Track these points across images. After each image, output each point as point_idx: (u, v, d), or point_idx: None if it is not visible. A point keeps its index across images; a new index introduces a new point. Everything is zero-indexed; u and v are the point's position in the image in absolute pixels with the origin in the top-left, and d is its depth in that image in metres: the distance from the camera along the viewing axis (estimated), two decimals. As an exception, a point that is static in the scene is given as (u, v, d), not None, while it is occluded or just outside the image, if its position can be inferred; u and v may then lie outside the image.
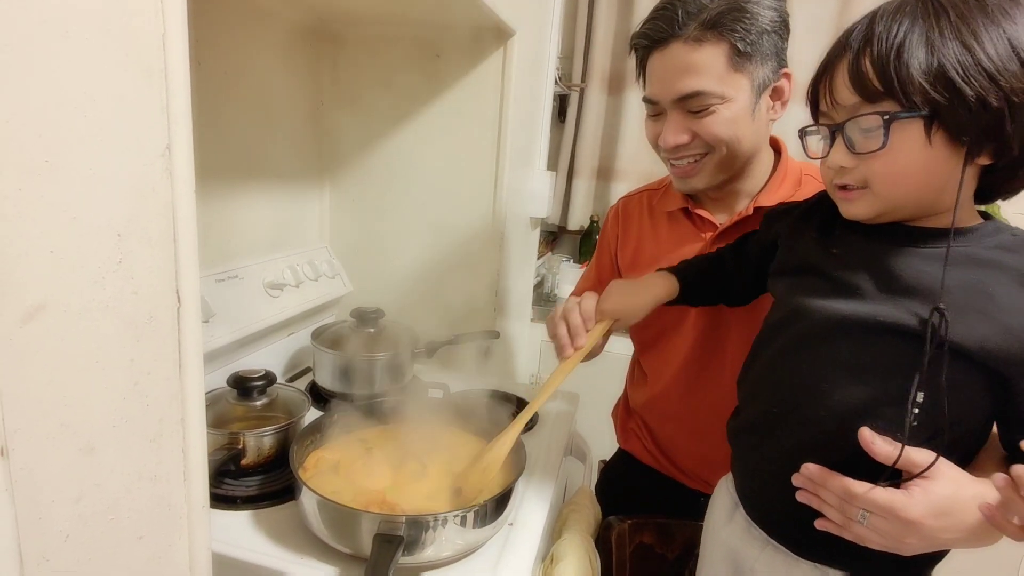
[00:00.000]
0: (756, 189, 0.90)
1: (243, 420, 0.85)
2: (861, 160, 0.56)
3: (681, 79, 0.79)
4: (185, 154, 0.39)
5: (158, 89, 0.37)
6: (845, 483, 0.55)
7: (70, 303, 0.33)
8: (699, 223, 0.92)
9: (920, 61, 0.51)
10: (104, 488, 0.37)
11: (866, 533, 0.55)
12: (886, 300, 0.57)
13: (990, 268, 0.55)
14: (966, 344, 0.53)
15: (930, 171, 0.54)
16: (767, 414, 0.67)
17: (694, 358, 0.93)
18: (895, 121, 0.53)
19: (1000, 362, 0.53)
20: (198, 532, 0.45)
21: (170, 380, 0.41)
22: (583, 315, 0.80)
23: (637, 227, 1.00)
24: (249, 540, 0.70)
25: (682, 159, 0.85)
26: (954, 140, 0.53)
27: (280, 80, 1.14)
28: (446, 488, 0.78)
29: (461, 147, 1.24)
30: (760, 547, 0.68)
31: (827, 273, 0.62)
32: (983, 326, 0.53)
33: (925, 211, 0.58)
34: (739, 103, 0.80)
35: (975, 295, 0.54)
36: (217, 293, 0.94)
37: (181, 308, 0.41)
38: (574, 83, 2.09)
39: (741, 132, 0.81)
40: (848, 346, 0.59)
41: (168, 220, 0.39)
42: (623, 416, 1.11)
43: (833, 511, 0.57)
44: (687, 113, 0.81)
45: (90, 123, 0.33)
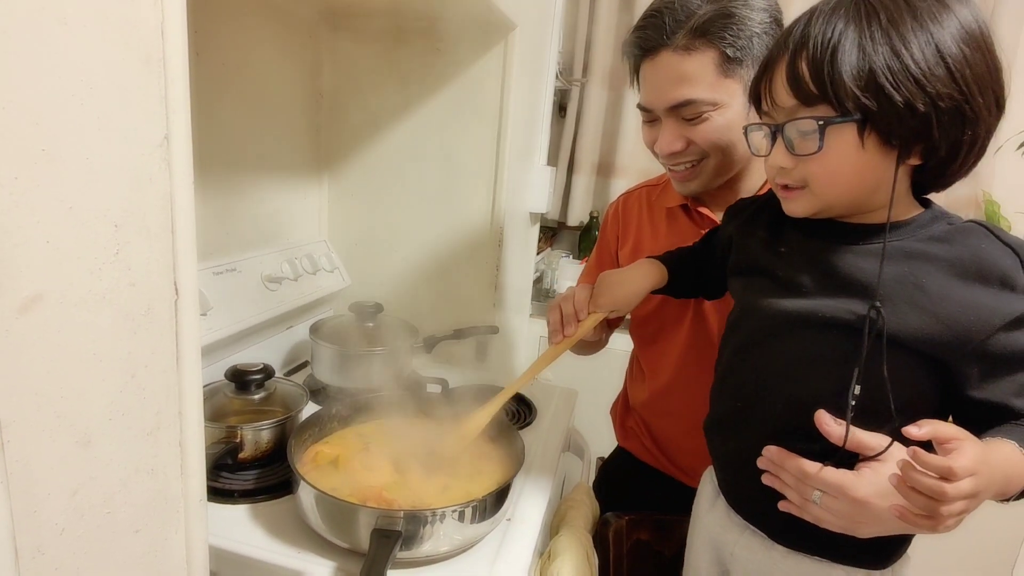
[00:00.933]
0: (756, 187, 0.90)
1: (241, 414, 0.84)
2: (799, 161, 0.58)
3: (673, 88, 0.79)
4: (184, 144, 0.39)
5: (157, 78, 0.36)
6: (800, 463, 0.58)
7: (67, 294, 0.33)
8: (698, 220, 0.92)
9: (851, 66, 0.53)
10: (100, 481, 0.36)
11: (821, 513, 0.57)
12: (826, 296, 0.60)
13: (920, 260, 0.57)
14: (901, 335, 0.56)
15: (864, 172, 0.57)
16: (731, 410, 0.71)
17: (691, 355, 0.93)
18: (830, 126, 0.55)
19: (937, 349, 0.56)
20: (195, 526, 0.45)
21: (167, 373, 0.40)
22: (576, 305, 0.81)
23: (636, 223, 1.01)
24: (246, 534, 0.70)
25: (679, 165, 0.86)
26: (885, 143, 0.55)
27: (279, 72, 1.13)
28: (444, 483, 0.78)
29: (461, 141, 1.24)
30: (739, 532, 0.71)
31: (773, 272, 0.65)
32: (915, 317, 0.56)
33: (861, 208, 0.60)
34: (733, 108, 0.80)
35: (906, 287, 0.56)
36: (215, 286, 0.94)
37: (179, 300, 0.40)
38: (575, 78, 2.09)
39: (736, 137, 0.81)
40: (795, 342, 0.62)
41: (166, 211, 0.38)
42: (622, 414, 1.11)
43: (791, 492, 0.60)
44: (681, 120, 0.81)
45: (88, 112, 0.33)
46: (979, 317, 0.55)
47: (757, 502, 0.66)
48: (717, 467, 0.76)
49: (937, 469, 0.48)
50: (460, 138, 1.24)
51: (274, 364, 1.13)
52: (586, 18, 2.06)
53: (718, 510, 0.74)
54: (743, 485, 0.70)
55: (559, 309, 0.82)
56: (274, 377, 0.88)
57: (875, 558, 0.65)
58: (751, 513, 0.70)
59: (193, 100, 0.39)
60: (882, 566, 0.65)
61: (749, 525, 0.70)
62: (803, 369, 0.61)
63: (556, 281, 2.04)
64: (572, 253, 2.29)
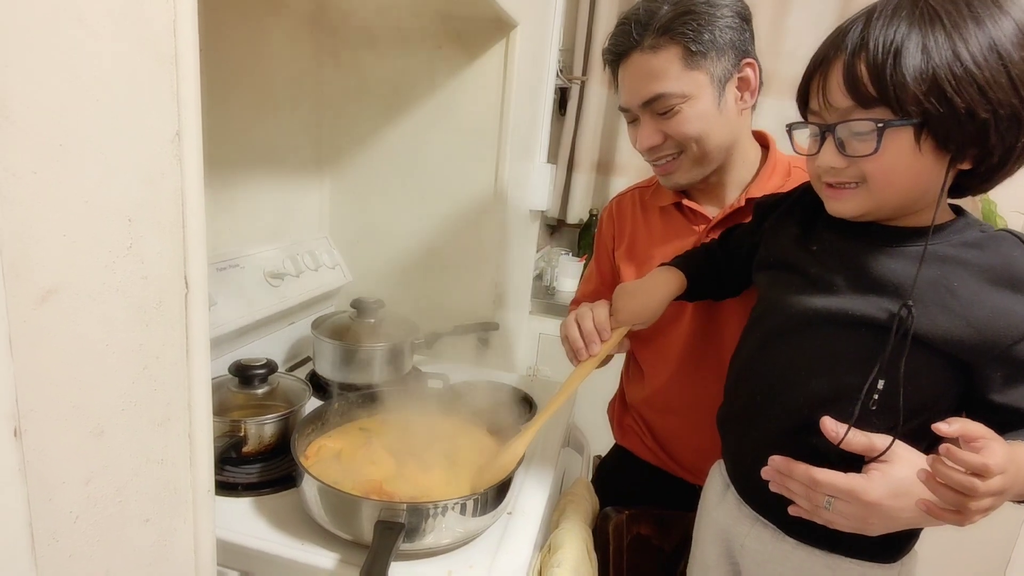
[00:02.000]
0: (745, 180, 0.92)
1: (244, 408, 0.85)
2: (852, 162, 0.58)
3: (643, 85, 0.84)
4: (194, 140, 0.39)
5: (168, 75, 0.37)
6: (809, 471, 0.58)
7: (82, 287, 0.33)
8: (691, 216, 0.94)
9: (914, 69, 0.52)
10: (113, 471, 0.37)
11: (833, 517, 0.58)
12: (857, 296, 0.61)
13: (953, 264, 0.58)
14: (929, 336, 0.57)
15: (918, 175, 0.57)
16: (749, 403, 0.71)
17: (691, 352, 0.94)
18: (888, 128, 0.54)
19: (963, 351, 0.57)
20: (203, 517, 0.46)
21: (177, 365, 0.41)
22: (597, 325, 0.82)
23: (631, 223, 1.02)
24: (251, 526, 0.70)
25: (660, 159, 0.89)
26: (941, 147, 0.55)
27: (283, 69, 1.14)
28: (445, 477, 0.78)
29: (462, 139, 1.24)
30: (750, 524, 0.72)
31: (804, 269, 0.66)
32: (945, 319, 0.57)
33: (906, 211, 0.61)
34: (703, 99, 0.83)
35: (938, 290, 0.57)
36: (218, 282, 0.94)
37: (189, 294, 0.41)
38: (575, 76, 2.09)
39: (710, 127, 0.84)
40: (821, 338, 0.63)
41: (177, 206, 0.39)
42: (619, 412, 1.11)
43: (801, 499, 0.60)
44: (656, 116, 0.85)
45: (102, 108, 0.33)
46: (1008, 323, 0.56)
47: (769, 495, 0.67)
48: (729, 460, 0.77)
49: (972, 466, 0.48)
50: (461, 136, 1.24)
51: (277, 359, 1.14)
52: (586, 16, 2.07)
53: (728, 503, 0.75)
54: (756, 477, 0.69)
55: (577, 326, 0.83)
56: (277, 372, 0.89)
57: (886, 553, 0.65)
58: (763, 506, 0.71)
59: (201, 97, 0.40)
60: (891, 560, 0.66)
61: (760, 517, 0.71)
62: (826, 365, 0.62)
63: (556, 278, 2.05)
64: (572, 250, 2.29)
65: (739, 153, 0.90)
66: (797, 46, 1.87)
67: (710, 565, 0.77)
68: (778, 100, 1.78)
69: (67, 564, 0.35)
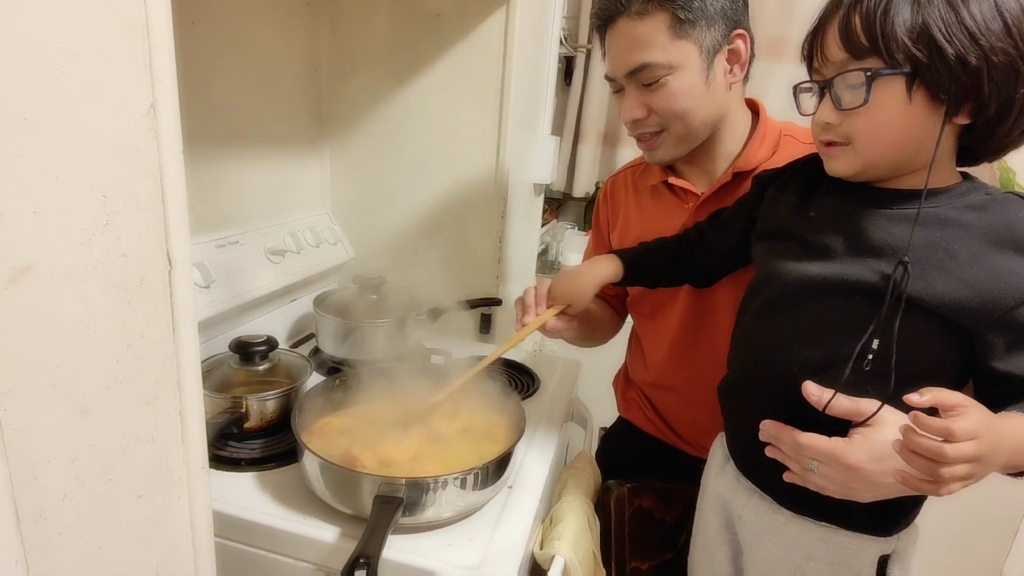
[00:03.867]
0: (734, 153, 0.89)
1: (246, 385, 0.85)
2: (845, 116, 0.58)
3: (629, 53, 0.81)
4: (171, 113, 0.38)
5: (140, 45, 0.36)
6: (794, 435, 0.59)
7: (57, 264, 0.33)
8: (680, 194, 0.92)
9: (905, 19, 0.52)
10: (100, 449, 0.37)
11: (820, 481, 0.59)
12: (853, 260, 0.60)
13: (954, 227, 0.57)
14: (926, 299, 0.56)
15: (909, 129, 0.56)
16: (744, 374, 0.71)
17: (686, 331, 0.93)
18: (878, 78, 0.54)
19: (963, 315, 0.56)
20: (198, 492, 0.46)
21: (164, 343, 0.41)
22: (536, 298, 0.86)
23: (624, 205, 1.01)
24: (253, 501, 0.71)
25: (642, 135, 0.87)
26: (933, 98, 0.54)
27: (278, 42, 1.12)
28: (452, 451, 0.79)
29: (462, 111, 1.22)
30: (747, 496, 0.72)
31: (801, 236, 0.65)
32: (943, 282, 0.56)
33: (902, 169, 0.60)
34: (690, 71, 0.80)
35: (937, 252, 0.56)
36: (218, 259, 0.94)
37: (172, 271, 0.40)
38: (580, 44, 2.04)
39: (695, 103, 0.81)
40: (815, 306, 0.63)
41: (155, 181, 0.38)
42: (623, 386, 1.12)
43: (791, 462, 0.61)
44: (641, 87, 0.82)
45: (70, 79, 0.32)
46: (1010, 284, 0.55)
47: (765, 467, 0.67)
48: (728, 430, 0.77)
49: (936, 431, 0.48)
50: (462, 107, 1.22)
51: (280, 336, 1.14)
52: (592, -19, 2.01)
53: (727, 474, 0.75)
54: (753, 450, 0.70)
55: (521, 302, 0.88)
56: (278, 348, 0.89)
57: (880, 525, 0.65)
58: (759, 477, 0.71)
59: (189, 71, 0.39)
60: (887, 533, 0.65)
61: (757, 489, 0.71)
62: (822, 334, 0.62)
63: (561, 253, 2.03)
64: (578, 225, 2.27)
65: (728, 126, 0.87)
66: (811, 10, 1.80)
67: (711, 536, 0.78)
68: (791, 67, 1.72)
69: (56, 541, 0.35)
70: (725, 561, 0.77)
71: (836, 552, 0.65)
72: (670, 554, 0.95)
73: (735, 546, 0.76)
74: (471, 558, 0.65)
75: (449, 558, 0.65)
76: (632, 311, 1.05)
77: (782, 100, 0.95)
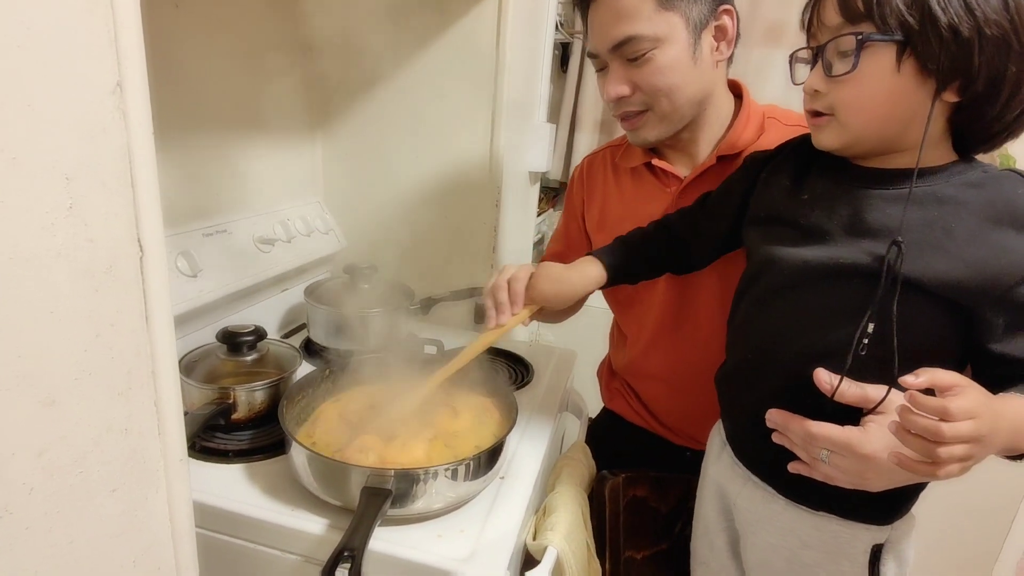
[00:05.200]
0: (717, 136, 0.87)
1: (234, 375, 0.84)
2: (833, 85, 0.57)
3: (613, 27, 0.78)
4: (139, 92, 0.37)
5: (103, 20, 0.34)
6: (804, 424, 0.58)
7: (17, 249, 0.31)
8: (663, 177, 0.90)
9: None
10: (70, 441, 0.36)
11: (830, 471, 0.57)
12: (849, 242, 0.59)
13: (951, 204, 0.56)
14: (924, 279, 0.55)
15: (896, 100, 0.55)
16: (743, 363, 0.70)
17: (668, 318, 0.92)
18: (868, 43, 0.53)
19: (961, 294, 0.55)
20: (177, 484, 0.45)
21: (136, 333, 0.39)
22: (512, 296, 0.78)
23: (602, 186, 0.98)
24: (241, 493, 0.70)
25: (627, 114, 0.84)
26: (923, 70, 0.53)
27: (266, 26, 1.09)
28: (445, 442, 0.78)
29: (456, 97, 1.20)
30: (742, 483, 0.72)
31: (795, 220, 0.64)
32: (941, 261, 0.55)
33: (890, 146, 0.58)
34: (676, 45, 0.77)
35: (934, 231, 0.55)
36: (205, 248, 0.92)
37: (144, 257, 0.39)
38: (577, 30, 2.01)
39: (682, 79, 0.79)
40: (813, 291, 0.61)
41: (123, 163, 0.36)
42: (607, 376, 1.11)
43: (800, 451, 0.60)
44: (626, 63, 0.80)
45: (27, 55, 0.30)
46: (1010, 262, 0.54)
47: (762, 455, 0.67)
48: (725, 419, 0.76)
49: (932, 410, 0.47)
50: (456, 93, 1.20)
51: (270, 327, 1.13)
52: (588, -34, 1.98)
53: (723, 461, 0.75)
54: (750, 438, 0.70)
55: (493, 297, 0.79)
56: (266, 339, 0.88)
57: (878, 514, 0.64)
58: (755, 466, 0.70)
59: (172, 54, 0.37)
60: (884, 523, 0.65)
61: (752, 476, 0.70)
62: (820, 320, 0.61)
63: (558, 242, 2.01)
64: (575, 213, 2.25)
65: (712, 108, 0.85)
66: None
67: (710, 523, 0.78)
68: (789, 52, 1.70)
69: (24, 536, 0.34)
70: (724, 547, 0.77)
71: (830, 540, 0.65)
72: (665, 543, 0.94)
73: (733, 532, 0.76)
74: (461, 549, 0.65)
75: (439, 550, 0.64)
76: (609, 300, 1.03)
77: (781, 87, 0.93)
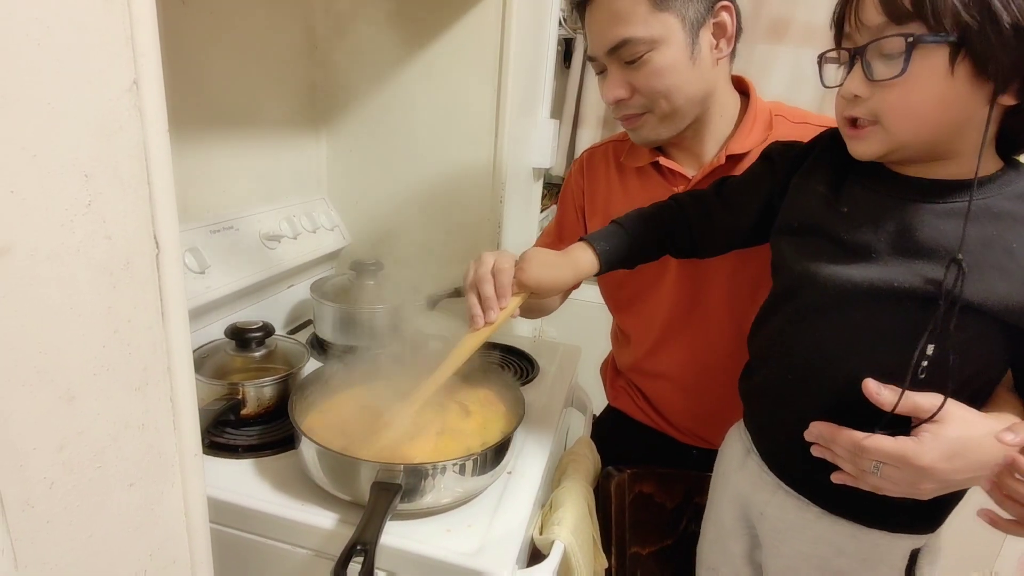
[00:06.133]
0: (724, 135, 0.86)
1: (242, 371, 0.85)
2: (876, 89, 0.52)
3: (608, 30, 0.78)
4: (155, 90, 0.37)
5: (120, 18, 0.34)
6: (854, 437, 0.55)
7: (38, 246, 0.32)
8: (669, 176, 0.89)
9: None
10: (88, 436, 0.36)
11: (881, 483, 0.55)
12: (900, 262, 0.54)
13: (1008, 220, 0.52)
14: (987, 304, 0.51)
15: (948, 106, 0.50)
16: (782, 380, 0.66)
17: (677, 316, 0.91)
18: (919, 45, 0.48)
19: (1022, 318, 0.52)
20: (192, 480, 0.45)
21: (153, 329, 0.40)
22: (499, 288, 0.71)
23: (605, 181, 0.97)
24: (252, 488, 0.71)
25: (627, 116, 0.84)
26: (979, 72, 0.48)
27: (272, 22, 1.09)
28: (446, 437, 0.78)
29: (460, 92, 1.20)
30: (772, 492, 0.69)
31: (835, 235, 0.59)
32: (1003, 284, 0.51)
33: (934, 153, 0.54)
34: (673, 46, 0.77)
35: (994, 251, 0.51)
36: (212, 244, 0.93)
37: (160, 254, 0.39)
38: (580, 26, 2.00)
39: (680, 80, 0.78)
40: (862, 313, 0.57)
41: (140, 161, 0.37)
42: (612, 375, 1.10)
43: (847, 464, 0.57)
44: (623, 65, 0.80)
45: (46, 53, 0.31)
46: None
47: (798, 464, 0.64)
48: (754, 428, 0.73)
49: None
50: (460, 89, 1.20)
51: (277, 323, 1.13)
52: (591, -39, 1.97)
53: (749, 469, 0.72)
54: (784, 450, 0.67)
55: (477, 292, 0.73)
56: (275, 335, 0.88)
57: (922, 523, 0.62)
58: (792, 479, 0.67)
59: (179, 51, 0.38)
60: (928, 531, 0.62)
61: (783, 485, 0.68)
62: (870, 342, 0.57)
63: (561, 238, 2.01)
64: (578, 210, 2.25)
65: (716, 105, 0.84)
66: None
67: (727, 528, 0.76)
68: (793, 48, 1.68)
69: (45, 529, 0.34)
70: (740, 554, 0.75)
71: (868, 548, 0.63)
72: (670, 539, 0.95)
73: (751, 539, 0.74)
74: (470, 544, 0.65)
75: (448, 544, 0.64)
76: (608, 300, 1.02)
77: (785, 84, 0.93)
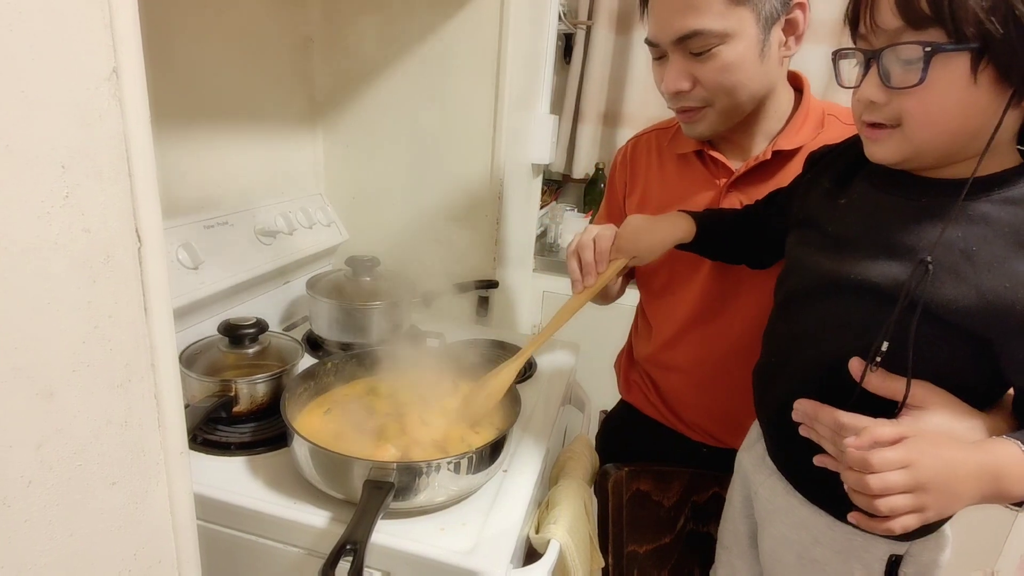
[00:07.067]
0: (775, 130, 0.84)
1: (236, 368, 0.84)
2: (894, 95, 0.51)
3: (679, 18, 0.74)
4: (136, 79, 0.36)
5: (98, 3, 0.33)
6: (835, 415, 0.56)
7: (12, 240, 0.31)
8: (712, 168, 0.87)
9: None
10: (68, 434, 0.35)
11: None
12: (871, 257, 0.55)
13: (981, 225, 0.50)
14: (934, 305, 0.51)
15: (969, 113, 0.49)
16: (768, 363, 0.70)
17: (702, 311, 0.90)
18: (938, 54, 0.47)
19: (976, 325, 0.50)
20: (177, 478, 0.44)
21: (135, 324, 0.39)
22: (598, 254, 0.79)
23: (645, 170, 0.95)
24: (243, 486, 0.70)
25: (684, 108, 0.81)
26: (1002, 80, 0.47)
27: (267, 16, 1.08)
28: (443, 435, 0.77)
29: (458, 88, 1.19)
30: (767, 474, 0.71)
31: (824, 226, 0.61)
32: (953, 287, 0.50)
33: (953, 157, 0.53)
34: (744, 41, 0.74)
35: (952, 253, 0.51)
36: (206, 240, 0.92)
37: (143, 248, 0.38)
38: (580, 20, 1.99)
39: (746, 76, 0.76)
40: (827, 302, 0.60)
41: (120, 152, 0.36)
42: (626, 367, 1.09)
43: (828, 444, 0.57)
44: (688, 55, 0.76)
45: (18, 38, 0.30)
46: None
47: (787, 450, 0.66)
48: (758, 410, 0.75)
49: (855, 462, 0.49)
50: (457, 85, 1.19)
51: (272, 319, 1.13)
52: (592, -44, 1.96)
53: (756, 451, 0.75)
54: (774, 434, 0.69)
55: (578, 257, 0.81)
56: (268, 331, 0.88)
57: None
58: (778, 462, 0.70)
59: (172, 45, 0.37)
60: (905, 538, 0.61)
61: (776, 470, 0.70)
62: (831, 332, 0.59)
63: (560, 235, 2.01)
64: (577, 207, 2.25)
65: (773, 102, 0.82)
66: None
67: (736, 510, 0.79)
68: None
69: (23, 528, 0.34)
70: (745, 535, 0.78)
71: (842, 541, 0.63)
72: (668, 537, 0.94)
73: (753, 522, 0.76)
74: (464, 542, 0.64)
75: (442, 543, 0.64)
76: (641, 287, 1.01)
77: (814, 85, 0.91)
